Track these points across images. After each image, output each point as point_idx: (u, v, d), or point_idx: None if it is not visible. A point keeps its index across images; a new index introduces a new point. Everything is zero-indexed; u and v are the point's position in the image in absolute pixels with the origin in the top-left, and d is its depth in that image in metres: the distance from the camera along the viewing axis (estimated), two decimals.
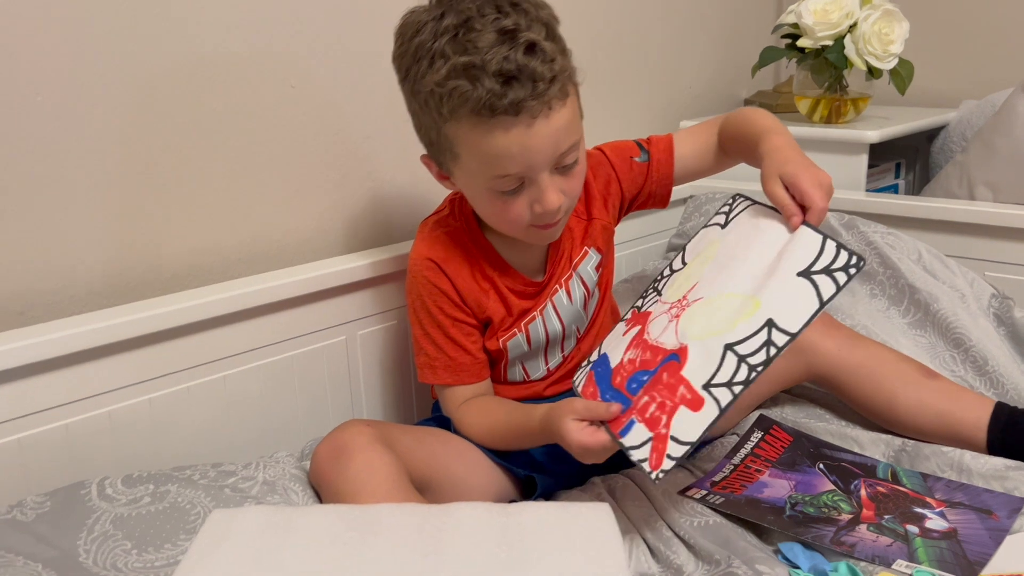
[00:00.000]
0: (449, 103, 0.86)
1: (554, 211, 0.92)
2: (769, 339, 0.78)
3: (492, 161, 0.88)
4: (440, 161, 0.96)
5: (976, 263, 1.34)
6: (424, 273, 1.02)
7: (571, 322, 1.07)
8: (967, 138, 1.63)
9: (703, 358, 0.81)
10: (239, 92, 1.09)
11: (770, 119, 1.01)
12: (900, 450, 1.03)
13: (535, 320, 1.05)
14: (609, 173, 1.09)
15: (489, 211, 0.96)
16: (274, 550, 0.70)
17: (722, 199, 1.51)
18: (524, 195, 0.91)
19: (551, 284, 1.06)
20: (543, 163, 0.89)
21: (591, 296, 1.09)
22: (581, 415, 0.85)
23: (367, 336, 1.17)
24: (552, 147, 0.89)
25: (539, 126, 0.86)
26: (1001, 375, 1.16)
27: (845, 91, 1.57)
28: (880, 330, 1.24)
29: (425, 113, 0.91)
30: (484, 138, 0.87)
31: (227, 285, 1.06)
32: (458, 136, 0.89)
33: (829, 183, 0.88)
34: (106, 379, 0.95)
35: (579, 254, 1.07)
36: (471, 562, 0.69)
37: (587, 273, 1.08)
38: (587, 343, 1.11)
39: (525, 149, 0.87)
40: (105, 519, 0.81)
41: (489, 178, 0.90)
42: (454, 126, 0.88)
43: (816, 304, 0.79)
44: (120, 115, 1.00)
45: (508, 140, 0.86)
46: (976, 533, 0.88)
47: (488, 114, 0.85)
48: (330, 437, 0.91)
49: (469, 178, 0.93)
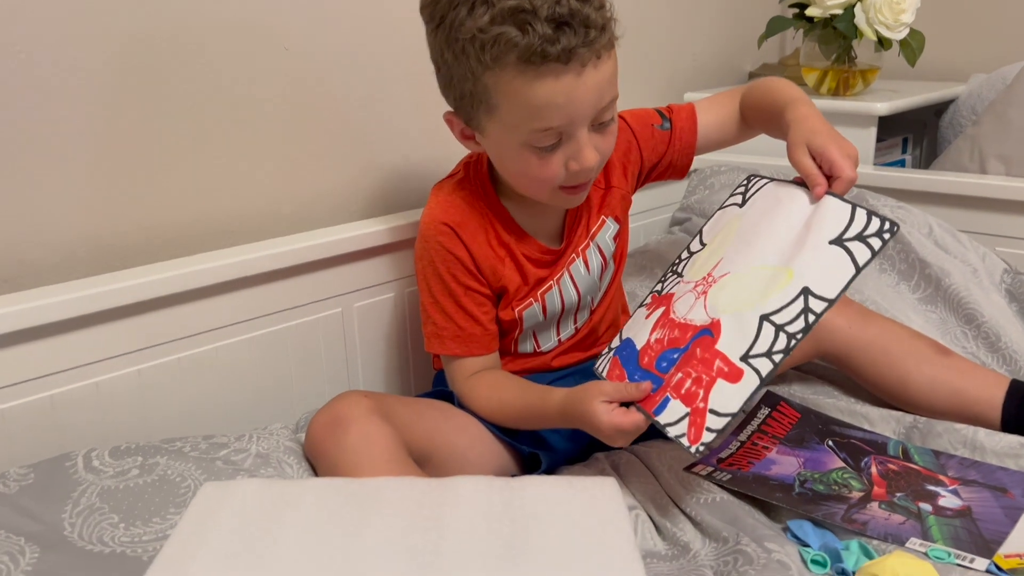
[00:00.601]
0: (493, 50, 0.82)
1: (590, 169, 0.89)
2: (806, 307, 0.78)
3: (535, 112, 0.85)
4: (470, 116, 0.91)
5: (987, 238, 1.31)
6: (438, 238, 0.98)
7: (587, 292, 1.05)
8: (977, 112, 1.59)
9: (738, 330, 0.80)
10: (232, 56, 1.05)
11: (795, 89, 0.99)
12: (911, 427, 1.01)
13: (552, 289, 1.02)
14: (630, 140, 1.06)
15: (520, 169, 0.92)
16: (268, 525, 0.67)
17: (727, 172, 1.49)
18: (560, 152, 0.88)
19: (568, 252, 1.03)
20: (585, 116, 0.86)
21: (607, 267, 1.06)
22: (611, 396, 0.83)
23: (364, 308, 1.14)
24: (596, 99, 0.86)
25: (588, 76, 0.84)
26: (1014, 351, 1.14)
27: (853, 62, 1.54)
28: (890, 305, 1.21)
29: (461, 63, 0.86)
30: (529, 87, 0.83)
31: (220, 254, 1.02)
32: (499, 86, 0.85)
33: (856, 154, 0.87)
34: (93, 349, 0.92)
35: (596, 223, 1.04)
36: (473, 538, 0.66)
37: (605, 243, 1.05)
38: (599, 314, 1.08)
39: (570, 100, 0.84)
40: (91, 492, 0.78)
41: (528, 132, 0.86)
42: (495, 75, 0.84)
43: (852, 270, 0.78)
44: (107, 79, 0.96)
45: (556, 89, 0.83)
46: (991, 511, 0.86)
47: (538, 61, 0.81)
48: (327, 408, 0.89)
49: (504, 132, 0.89)
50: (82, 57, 0.94)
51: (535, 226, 1.01)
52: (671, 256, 1.38)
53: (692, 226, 1.44)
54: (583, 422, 0.85)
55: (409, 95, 1.23)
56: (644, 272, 1.36)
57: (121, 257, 1.01)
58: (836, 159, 0.84)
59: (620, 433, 0.83)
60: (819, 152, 0.86)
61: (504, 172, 0.96)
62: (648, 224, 1.52)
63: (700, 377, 0.80)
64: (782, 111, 0.94)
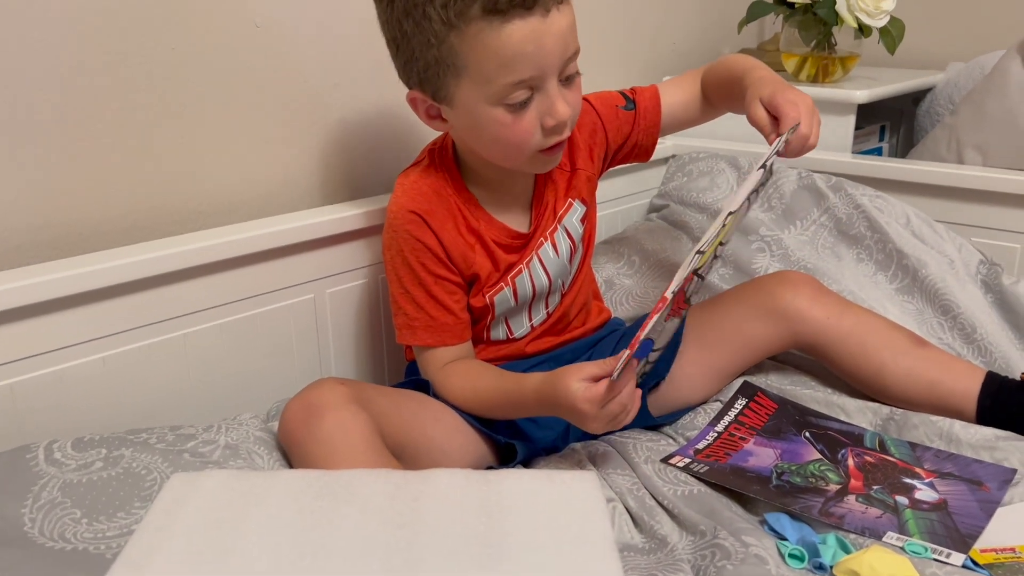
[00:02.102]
0: (456, 6, 0.83)
1: (564, 122, 0.90)
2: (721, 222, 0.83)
3: (506, 64, 0.84)
4: (436, 88, 0.90)
5: (964, 228, 1.31)
6: (406, 227, 0.96)
7: (557, 275, 1.04)
8: (954, 101, 1.59)
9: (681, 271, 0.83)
10: (199, 30, 1.02)
11: (751, 60, 1.03)
12: (888, 419, 1.01)
13: (521, 273, 1.01)
14: (595, 121, 1.06)
15: (494, 134, 0.90)
16: (236, 519, 0.65)
17: (705, 159, 1.48)
18: (533, 108, 0.88)
19: (536, 236, 1.02)
20: (555, 64, 0.87)
21: (576, 250, 1.06)
22: (590, 374, 0.83)
23: (336, 294, 1.12)
24: (563, 47, 0.87)
25: (552, 21, 0.85)
26: (989, 343, 1.14)
27: (833, 49, 1.53)
28: (867, 296, 1.21)
29: (422, 29, 0.85)
30: (497, 37, 0.83)
31: (188, 238, 0.99)
32: (465, 43, 0.84)
33: (809, 102, 0.93)
34: (56, 336, 0.88)
35: (563, 206, 1.04)
36: (448, 534, 0.65)
37: (572, 225, 1.04)
38: (570, 298, 1.07)
39: (539, 48, 0.85)
40: (53, 486, 0.76)
41: (500, 87, 0.86)
42: (460, 32, 0.84)
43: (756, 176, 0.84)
44: (68, 57, 0.92)
45: (523, 36, 0.83)
46: (967, 505, 0.86)
47: (504, 7, 0.82)
48: (302, 395, 0.86)
49: (475, 95, 0.88)
50: (41, 35, 0.90)
51: (502, 210, 1.01)
52: (649, 243, 1.37)
53: (670, 213, 1.43)
54: (558, 402, 0.84)
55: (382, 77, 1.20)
56: (622, 259, 1.35)
57: (85, 241, 0.97)
58: (780, 103, 0.91)
59: (593, 403, 0.82)
60: (768, 101, 0.92)
61: (476, 143, 0.94)
62: (626, 210, 1.51)
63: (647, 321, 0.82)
64: (739, 80, 0.99)
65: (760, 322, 1.06)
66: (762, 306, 1.06)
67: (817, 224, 1.32)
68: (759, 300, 1.07)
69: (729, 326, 1.08)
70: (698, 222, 1.38)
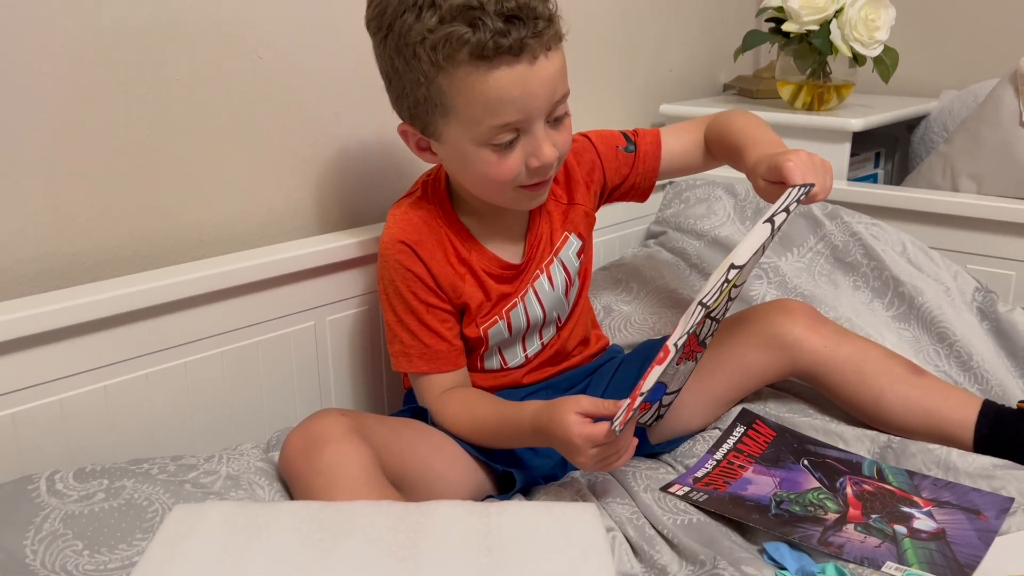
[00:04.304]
0: (445, 49, 0.83)
1: (549, 164, 0.90)
2: (727, 271, 0.81)
3: (491, 108, 0.85)
4: (426, 123, 0.91)
5: (959, 255, 1.32)
6: (397, 257, 0.97)
7: (552, 309, 1.04)
8: (948, 128, 1.61)
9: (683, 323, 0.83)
10: (201, 61, 1.03)
11: (758, 128, 1.03)
12: (886, 447, 1.01)
13: (516, 307, 1.02)
14: (594, 159, 1.07)
15: (480, 171, 0.91)
16: (239, 552, 0.65)
17: (702, 186, 1.49)
18: (519, 149, 0.89)
19: (531, 268, 1.03)
20: (541, 109, 0.87)
21: (572, 284, 1.06)
22: (586, 410, 0.84)
23: (336, 322, 1.12)
24: (550, 92, 0.87)
25: (540, 67, 0.85)
26: (986, 371, 1.15)
27: (828, 78, 1.55)
28: (864, 323, 1.21)
29: (412, 68, 0.86)
30: (484, 82, 0.84)
31: (189, 267, 1.00)
32: (453, 85, 0.85)
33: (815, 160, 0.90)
34: (57, 365, 0.89)
35: (560, 239, 1.04)
36: (450, 566, 0.65)
37: (569, 259, 1.05)
38: (567, 331, 1.08)
39: (525, 93, 0.85)
40: (54, 517, 0.76)
41: (486, 129, 0.87)
42: (449, 75, 0.85)
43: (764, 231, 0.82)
44: (65, 83, 0.93)
45: (510, 82, 0.84)
46: (965, 534, 0.86)
47: (491, 54, 0.83)
48: (302, 426, 0.87)
49: (461, 134, 0.89)
50: (42, 66, 0.91)
51: (495, 241, 1.01)
52: (647, 270, 1.38)
53: (667, 239, 1.44)
54: (553, 432, 0.85)
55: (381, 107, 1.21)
56: (620, 286, 1.36)
57: (86, 271, 0.98)
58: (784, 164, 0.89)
59: (587, 441, 0.82)
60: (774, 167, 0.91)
61: (463, 178, 0.96)
62: (624, 236, 1.52)
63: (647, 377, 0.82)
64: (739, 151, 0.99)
65: (758, 350, 1.07)
66: (760, 334, 1.07)
67: (814, 251, 1.33)
68: (757, 329, 1.07)
69: (727, 354, 1.08)
70: (695, 248, 1.39)
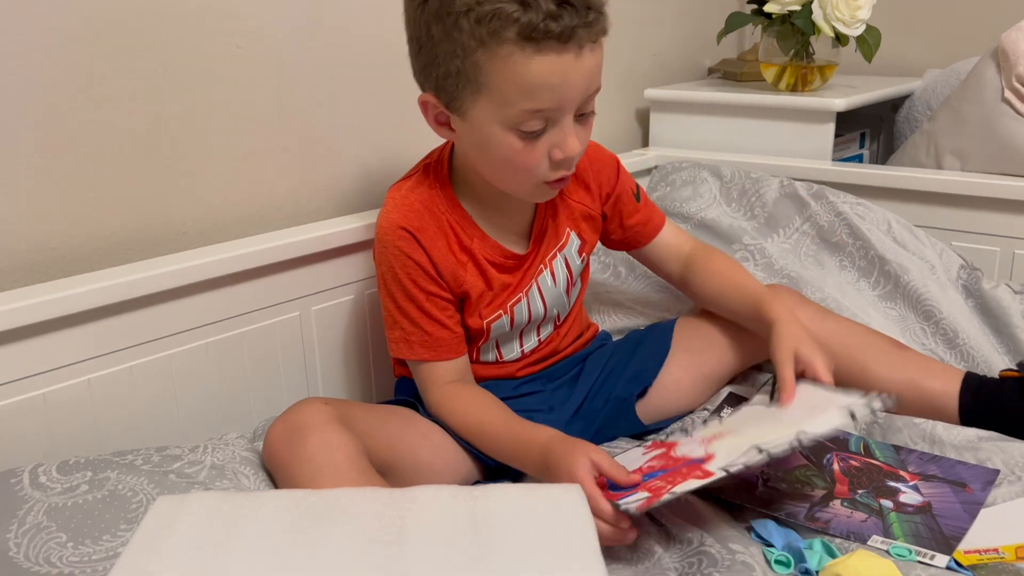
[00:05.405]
0: (491, 24, 0.81)
1: (572, 158, 0.89)
2: (796, 438, 0.82)
3: (528, 91, 0.83)
4: (451, 97, 0.88)
5: (944, 233, 1.32)
6: (397, 243, 0.95)
7: (553, 305, 1.04)
8: (932, 107, 1.61)
9: (727, 454, 0.84)
10: (180, 52, 1.02)
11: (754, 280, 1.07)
12: (872, 422, 1.01)
13: (520, 302, 1.01)
14: (611, 177, 1.07)
15: (503, 156, 0.89)
16: (224, 541, 0.65)
17: (688, 169, 1.48)
18: (544, 140, 0.87)
19: (536, 261, 1.02)
20: (575, 100, 0.86)
21: (573, 283, 1.06)
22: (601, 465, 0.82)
23: (322, 312, 1.12)
24: (587, 85, 0.86)
25: (585, 59, 0.83)
26: (971, 348, 1.15)
27: (811, 59, 1.55)
28: (850, 303, 1.22)
29: (450, 38, 0.84)
30: (526, 64, 0.82)
31: (173, 258, 0.99)
32: (491, 63, 0.83)
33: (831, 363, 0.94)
34: (39, 359, 0.88)
35: (564, 235, 1.04)
36: (435, 552, 0.65)
37: (572, 256, 1.05)
38: (564, 329, 1.08)
39: (565, 82, 0.83)
40: (38, 510, 0.75)
41: (518, 112, 0.84)
42: (490, 51, 0.82)
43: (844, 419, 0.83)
44: (43, 74, 0.92)
45: (553, 69, 0.82)
46: (950, 507, 0.87)
47: (539, 37, 0.80)
48: (285, 415, 0.86)
49: (490, 114, 0.86)
50: (22, 59, 0.90)
51: (498, 229, 1.00)
52: None
53: None
54: (559, 472, 0.82)
55: (367, 94, 1.21)
56: (608, 271, 1.36)
57: (68, 264, 0.97)
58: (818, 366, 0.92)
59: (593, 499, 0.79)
60: (806, 361, 0.92)
61: (480, 161, 0.93)
62: None
63: (675, 480, 0.82)
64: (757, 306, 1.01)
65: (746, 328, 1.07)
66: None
67: (800, 232, 1.33)
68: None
69: (716, 332, 1.09)
70: None
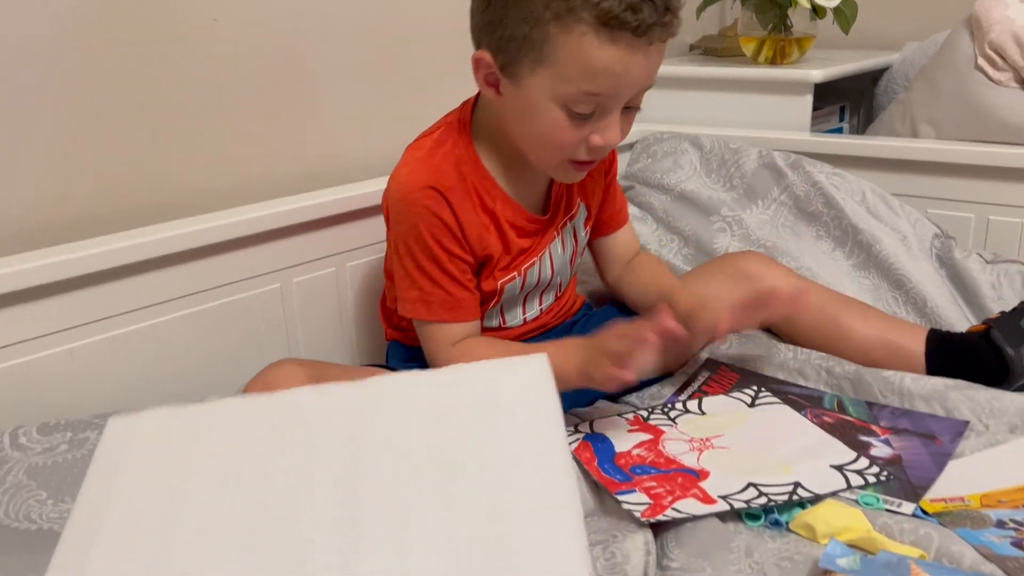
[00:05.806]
0: (569, 2, 0.80)
1: (611, 146, 0.90)
2: (794, 491, 0.83)
3: (591, 74, 0.83)
4: (509, 61, 0.86)
5: (920, 200, 1.34)
6: (425, 202, 0.91)
7: (558, 273, 1.05)
8: (911, 79, 1.62)
9: (724, 482, 0.85)
10: (159, 26, 1.03)
11: None
12: (843, 378, 1.03)
13: (533, 266, 1.01)
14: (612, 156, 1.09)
15: (543, 128, 0.88)
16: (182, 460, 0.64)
17: (669, 140, 1.49)
18: (589, 123, 0.87)
19: (553, 225, 1.02)
20: (630, 92, 0.86)
21: (576, 253, 1.07)
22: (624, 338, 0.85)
23: (304, 283, 1.13)
24: (646, 80, 0.86)
25: (651, 55, 0.84)
26: (940, 316, 1.17)
27: (789, 31, 1.56)
28: (825, 272, 1.23)
29: (523, 4, 0.83)
30: (597, 49, 0.81)
31: (155, 228, 1.00)
32: (560, 38, 0.82)
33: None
34: (21, 328, 0.89)
35: (575, 205, 1.05)
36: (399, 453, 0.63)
37: (579, 226, 1.06)
38: (565, 297, 1.10)
39: (627, 73, 0.83)
40: (18, 469, 0.77)
41: (574, 91, 0.84)
42: (563, 27, 0.81)
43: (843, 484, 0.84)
44: (23, 50, 0.93)
45: (620, 58, 0.82)
46: (920, 459, 0.88)
47: (615, 25, 0.80)
48: (260, 375, 0.88)
49: (546, 86, 0.85)
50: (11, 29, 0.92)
51: (517, 192, 0.99)
52: None
53: (635, 194, 1.45)
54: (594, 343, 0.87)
55: (345, 68, 1.22)
56: None
57: (49, 235, 0.98)
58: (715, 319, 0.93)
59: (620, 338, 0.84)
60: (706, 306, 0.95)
61: (519, 128, 0.92)
62: None
63: (674, 490, 0.84)
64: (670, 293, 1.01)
65: (724, 287, 1.09)
66: (724, 271, 1.12)
67: (777, 203, 1.35)
68: (720, 267, 1.13)
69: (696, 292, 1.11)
70: (662, 203, 1.41)
